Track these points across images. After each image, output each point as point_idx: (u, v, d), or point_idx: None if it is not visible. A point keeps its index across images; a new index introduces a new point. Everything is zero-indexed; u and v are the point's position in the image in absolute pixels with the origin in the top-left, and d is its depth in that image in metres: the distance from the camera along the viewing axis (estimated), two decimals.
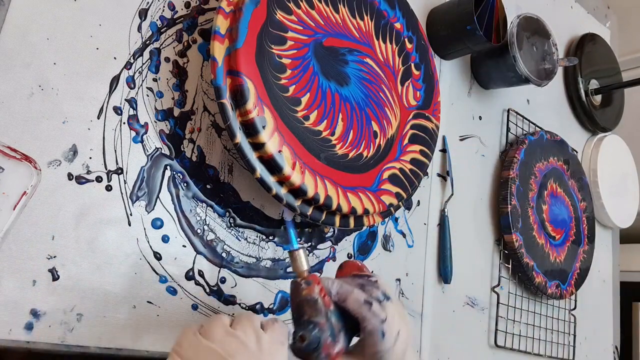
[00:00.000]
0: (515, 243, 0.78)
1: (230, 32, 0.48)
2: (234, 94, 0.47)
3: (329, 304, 0.39)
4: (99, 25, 0.48)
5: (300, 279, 0.40)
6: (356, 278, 0.42)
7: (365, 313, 0.38)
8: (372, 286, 0.40)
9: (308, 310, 0.38)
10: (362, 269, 0.44)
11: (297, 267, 0.40)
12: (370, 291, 0.40)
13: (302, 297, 0.38)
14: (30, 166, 0.40)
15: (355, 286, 0.40)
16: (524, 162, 0.82)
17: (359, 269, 0.44)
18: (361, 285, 0.41)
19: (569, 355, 0.88)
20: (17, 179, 0.39)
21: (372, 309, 0.38)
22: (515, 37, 0.74)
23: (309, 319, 0.38)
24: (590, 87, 1.02)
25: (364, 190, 0.55)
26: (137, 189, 0.48)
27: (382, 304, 0.39)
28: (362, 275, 0.42)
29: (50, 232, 0.43)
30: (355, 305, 0.39)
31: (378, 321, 0.38)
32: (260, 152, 0.48)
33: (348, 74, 0.58)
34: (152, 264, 0.48)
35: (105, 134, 0.47)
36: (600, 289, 1.01)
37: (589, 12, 1.12)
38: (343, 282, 0.41)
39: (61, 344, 0.42)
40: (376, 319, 0.38)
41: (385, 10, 0.63)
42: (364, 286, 0.40)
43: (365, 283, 0.41)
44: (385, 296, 0.40)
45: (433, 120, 0.66)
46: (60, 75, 0.45)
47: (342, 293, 0.40)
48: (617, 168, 1.06)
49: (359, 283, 0.41)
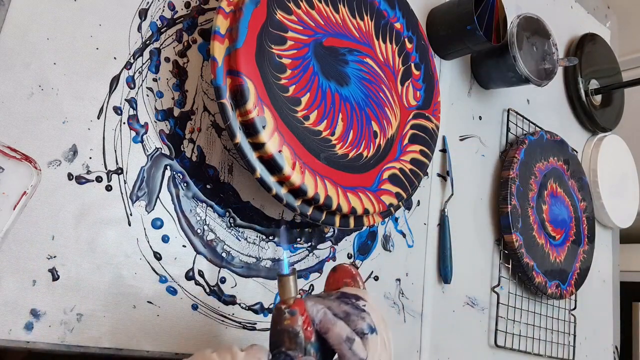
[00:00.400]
0: (515, 243, 0.78)
1: (230, 32, 0.48)
2: (234, 94, 0.47)
3: (311, 336, 0.37)
4: (99, 25, 0.48)
5: (284, 306, 0.37)
6: (344, 299, 0.40)
7: (345, 352, 0.36)
8: (358, 316, 0.38)
9: (287, 342, 0.36)
10: (356, 278, 0.42)
11: (283, 293, 0.38)
12: (355, 323, 0.37)
13: (284, 326, 0.37)
14: (30, 166, 0.40)
15: (341, 314, 0.38)
16: (524, 162, 0.82)
17: (352, 277, 0.43)
18: (347, 314, 0.38)
19: (569, 355, 0.88)
20: (17, 179, 0.39)
21: (353, 348, 0.36)
22: (515, 37, 0.74)
23: (287, 350, 0.36)
24: (590, 87, 1.02)
25: (364, 190, 0.55)
26: (137, 189, 0.48)
27: (365, 340, 0.37)
28: (350, 296, 0.40)
29: (50, 232, 0.43)
30: (336, 341, 0.37)
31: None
32: (260, 152, 0.48)
33: (348, 74, 0.58)
34: (152, 264, 0.48)
35: (105, 134, 0.47)
36: (600, 289, 1.01)
37: (589, 12, 1.12)
38: (328, 309, 0.38)
39: (61, 344, 0.43)
40: (355, 359, 0.36)
41: (385, 10, 0.63)
42: (350, 316, 0.38)
43: (352, 312, 0.38)
44: (371, 328, 0.38)
45: (433, 120, 0.66)
46: (60, 75, 0.45)
47: (325, 324, 0.37)
48: (617, 168, 1.06)
49: (344, 310, 0.38)
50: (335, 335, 0.37)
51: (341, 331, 0.37)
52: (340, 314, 0.38)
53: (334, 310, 0.38)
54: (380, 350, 0.37)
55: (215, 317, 0.51)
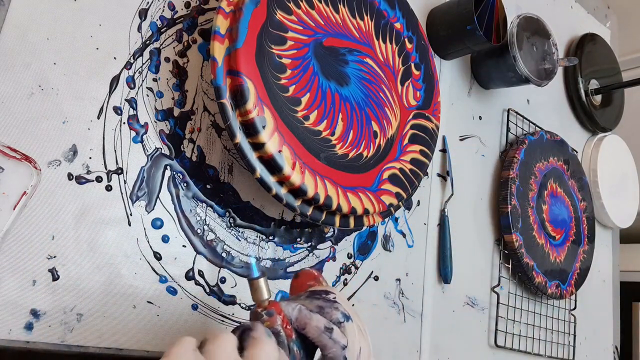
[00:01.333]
0: (515, 243, 0.78)
1: (230, 32, 0.48)
2: (234, 94, 0.47)
3: (291, 334, 0.37)
4: (99, 25, 0.48)
5: (260, 309, 0.37)
6: (314, 296, 0.40)
7: (326, 341, 0.37)
8: (331, 307, 0.38)
9: None
10: (319, 279, 0.43)
11: (256, 297, 0.38)
12: (329, 314, 0.38)
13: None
14: (30, 166, 0.40)
15: (315, 309, 0.38)
16: (524, 162, 0.82)
17: (314, 278, 0.43)
18: (320, 307, 0.38)
19: (569, 355, 0.88)
20: (17, 179, 0.39)
21: (333, 337, 0.37)
22: (515, 37, 0.74)
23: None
24: (590, 87, 1.02)
25: (364, 190, 0.55)
26: (137, 189, 0.48)
27: (343, 327, 0.38)
28: (319, 292, 0.40)
29: (50, 232, 0.43)
30: (316, 333, 0.37)
31: (339, 348, 0.37)
32: (260, 152, 0.48)
33: (348, 74, 0.58)
34: (152, 264, 0.48)
35: (105, 134, 0.47)
36: (600, 289, 1.01)
37: (589, 12, 1.12)
38: (302, 306, 0.39)
39: (61, 344, 0.42)
40: (337, 347, 0.37)
41: (385, 10, 0.63)
42: (323, 308, 0.38)
43: (324, 305, 0.39)
44: (345, 316, 0.38)
45: (433, 120, 0.66)
46: (60, 75, 0.45)
47: (301, 319, 0.38)
48: (617, 168, 1.06)
49: (317, 305, 0.39)
50: (314, 328, 0.37)
51: (318, 323, 0.37)
52: (314, 308, 0.38)
53: (308, 307, 0.39)
54: (358, 336, 0.38)
55: (215, 317, 0.51)
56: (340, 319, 0.38)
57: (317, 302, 0.39)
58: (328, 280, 0.60)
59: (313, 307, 0.38)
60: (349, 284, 0.61)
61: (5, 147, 0.39)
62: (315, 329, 0.37)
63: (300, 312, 0.38)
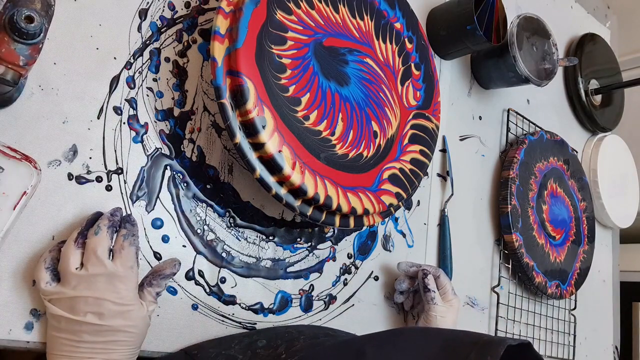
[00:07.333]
0: (515, 243, 0.78)
1: (230, 32, 0.48)
2: (233, 94, 0.47)
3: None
4: (99, 25, 0.48)
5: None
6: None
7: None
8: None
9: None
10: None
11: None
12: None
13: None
14: (30, 166, 0.40)
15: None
16: (524, 162, 0.82)
17: None
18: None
19: (569, 355, 0.88)
20: (17, 179, 0.39)
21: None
22: (515, 37, 0.74)
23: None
24: (590, 87, 1.02)
25: (364, 190, 0.55)
26: (137, 189, 0.48)
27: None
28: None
29: (50, 232, 0.43)
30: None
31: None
32: (260, 152, 0.48)
33: (348, 74, 0.58)
34: (152, 263, 0.48)
35: (105, 134, 0.47)
36: (600, 289, 1.01)
37: (589, 12, 1.12)
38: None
39: None
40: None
41: (385, 10, 0.63)
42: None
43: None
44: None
45: (433, 120, 0.66)
46: (60, 75, 0.45)
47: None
48: (617, 168, 1.06)
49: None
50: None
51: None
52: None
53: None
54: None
55: (215, 317, 0.51)
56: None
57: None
58: (328, 280, 0.60)
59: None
60: (349, 284, 0.61)
61: (5, 147, 0.39)
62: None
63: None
